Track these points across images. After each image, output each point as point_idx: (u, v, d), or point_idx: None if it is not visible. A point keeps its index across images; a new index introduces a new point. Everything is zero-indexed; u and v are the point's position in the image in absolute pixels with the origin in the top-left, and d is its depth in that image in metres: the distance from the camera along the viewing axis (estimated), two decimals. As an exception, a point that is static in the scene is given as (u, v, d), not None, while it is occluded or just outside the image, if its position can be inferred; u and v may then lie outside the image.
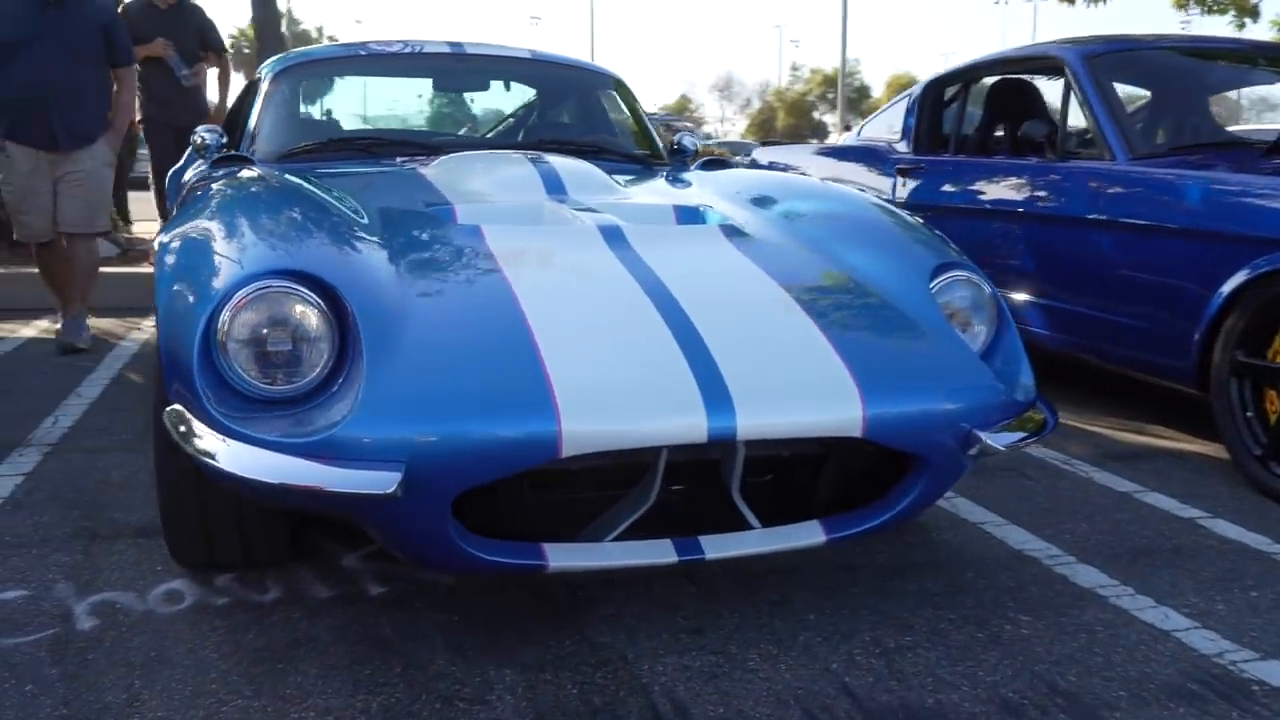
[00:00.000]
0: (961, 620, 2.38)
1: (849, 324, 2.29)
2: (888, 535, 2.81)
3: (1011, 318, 2.53)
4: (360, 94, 4.16)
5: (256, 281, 2.07)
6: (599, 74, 4.28)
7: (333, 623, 2.31)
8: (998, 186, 4.42)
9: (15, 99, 4.62)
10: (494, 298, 2.19)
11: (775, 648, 2.24)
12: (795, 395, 2.08)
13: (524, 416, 1.92)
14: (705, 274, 2.43)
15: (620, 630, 2.30)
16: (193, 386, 2.00)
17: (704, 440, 1.97)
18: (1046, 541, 2.86)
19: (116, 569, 2.56)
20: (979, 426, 2.20)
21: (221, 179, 2.87)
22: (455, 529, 1.99)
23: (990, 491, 3.25)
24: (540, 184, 2.89)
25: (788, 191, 3.09)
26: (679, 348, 2.08)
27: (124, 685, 2.04)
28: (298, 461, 1.89)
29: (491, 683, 2.07)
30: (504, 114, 4.44)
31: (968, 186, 4.60)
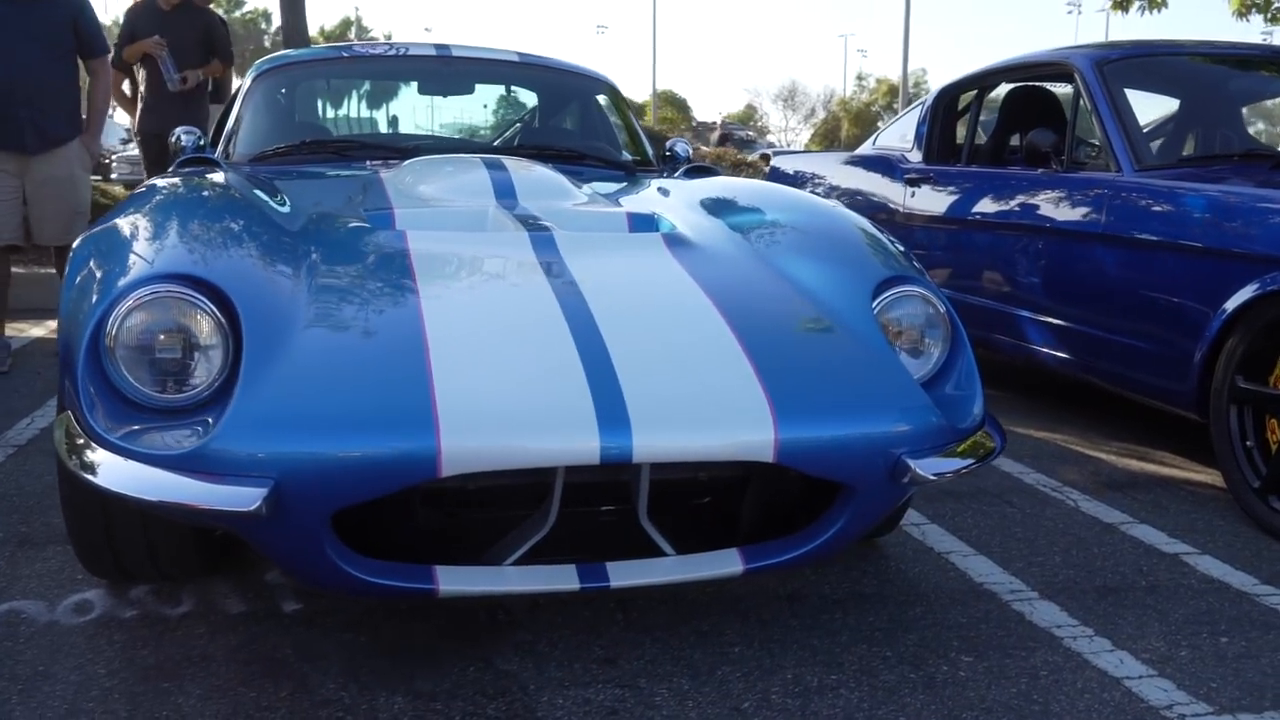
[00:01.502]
0: (897, 659, 2.23)
1: (775, 342, 2.15)
2: (840, 563, 2.68)
3: (966, 337, 2.37)
4: (345, 96, 4.09)
5: (148, 285, 2.00)
6: (589, 78, 4.17)
7: (233, 640, 2.22)
8: (1001, 198, 4.24)
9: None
10: (396, 309, 2.10)
11: (689, 682, 2.11)
12: (702, 416, 1.95)
13: (402, 433, 1.82)
14: (632, 286, 2.32)
15: (530, 658, 2.18)
16: (76, 392, 1.94)
17: (596, 461, 1.86)
18: (1012, 575, 2.69)
19: (36, 576, 2.50)
20: (910, 454, 2.05)
21: (160, 182, 2.82)
22: (334, 548, 1.89)
23: (965, 519, 3.09)
24: (490, 189, 2.79)
25: (754, 201, 2.96)
26: (581, 364, 1.96)
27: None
28: (163, 475, 1.81)
29: (377, 711, 1.98)
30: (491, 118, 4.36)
31: (972, 198, 4.43)
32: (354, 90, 4.09)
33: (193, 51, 5.83)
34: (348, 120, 4.01)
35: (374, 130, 4.06)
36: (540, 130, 4.07)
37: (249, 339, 1.95)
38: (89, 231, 2.37)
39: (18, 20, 4.28)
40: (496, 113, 4.34)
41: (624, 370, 1.97)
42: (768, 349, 2.11)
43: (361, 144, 3.61)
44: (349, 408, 1.86)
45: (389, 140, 3.69)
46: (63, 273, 4.64)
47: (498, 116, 4.33)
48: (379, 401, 1.87)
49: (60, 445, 1.98)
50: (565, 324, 2.07)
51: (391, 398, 1.87)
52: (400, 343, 1.99)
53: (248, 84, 3.86)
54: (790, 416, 1.97)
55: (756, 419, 1.95)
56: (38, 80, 4.35)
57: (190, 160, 3.40)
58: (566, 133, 4.06)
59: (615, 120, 4.11)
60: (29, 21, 4.32)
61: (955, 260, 4.58)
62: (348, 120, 4.01)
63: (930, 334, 2.34)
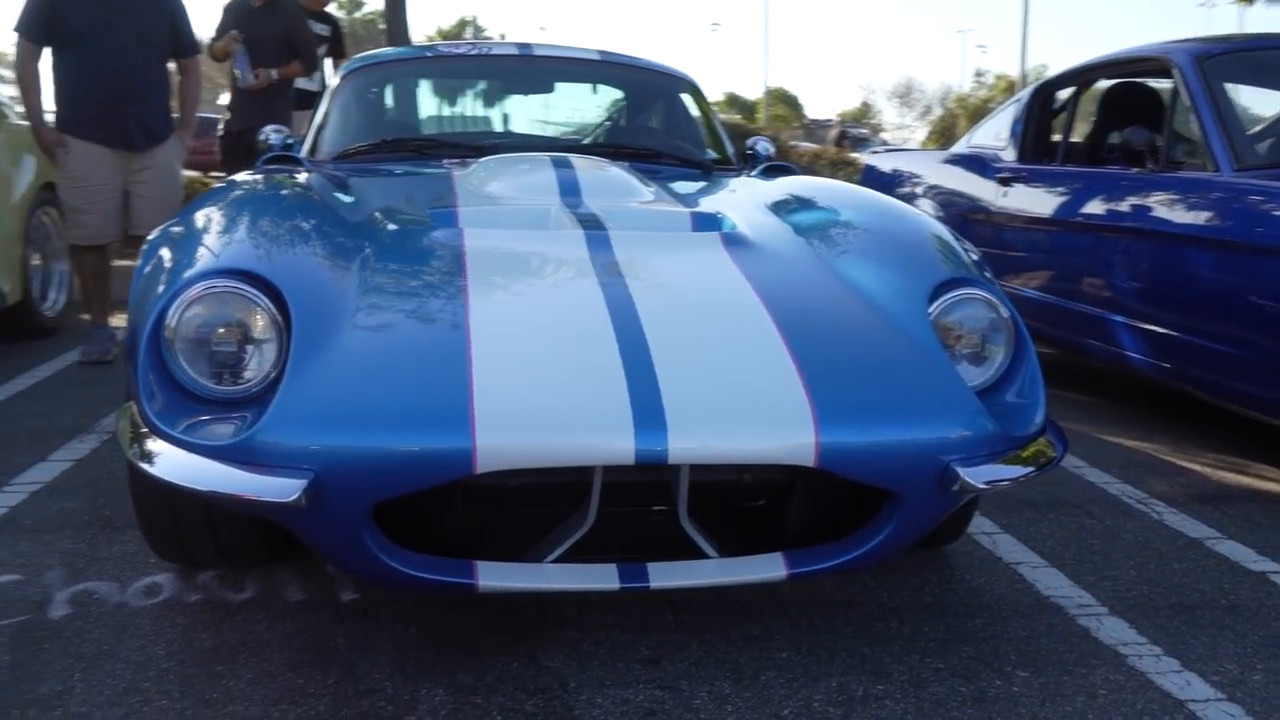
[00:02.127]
0: (949, 671, 2.18)
1: (822, 345, 2.12)
2: (902, 571, 2.63)
3: (1031, 343, 2.30)
4: (430, 95, 4.15)
5: (207, 280, 2.06)
6: (671, 76, 4.16)
7: (289, 627, 2.28)
8: (1093, 198, 4.11)
9: (90, 90, 4.32)
10: (443, 306, 2.12)
11: (730, 686, 2.09)
12: (741, 418, 1.93)
13: (439, 429, 1.84)
14: (683, 285, 2.31)
15: (574, 656, 2.19)
16: (137, 382, 2.01)
17: (631, 461, 1.85)
18: (1083, 589, 2.60)
19: (112, 559, 2.60)
20: (960, 461, 2.00)
21: (237, 179, 2.90)
22: (375, 540, 1.92)
23: (1040, 530, 3.00)
24: (555, 188, 2.80)
25: (821, 201, 2.92)
26: (621, 363, 1.96)
27: (63, 677, 2.05)
28: (211, 465, 1.86)
29: (418, 702, 2.00)
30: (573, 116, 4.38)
31: (1065, 198, 4.30)
32: (439, 89, 4.15)
33: (272, 50, 5.76)
34: (432, 119, 4.06)
35: (457, 128, 4.10)
36: (619, 129, 4.07)
37: (297, 334, 1.99)
38: (162, 227, 2.45)
39: (128, 22, 4.36)
40: (579, 111, 4.35)
41: (664, 370, 1.96)
42: (814, 351, 2.07)
43: (440, 142, 3.66)
44: (389, 403, 1.89)
45: (467, 138, 3.73)
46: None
47: (580, 115, 4.35)
48: (418, 397, 1.89)
49: (123, 435, 2.05)
50: (609, 322, 2.06)
51: (431, 394, 1.89)
52: (443, 339, 2.01)
53: (335, 83, 3.95)
54: (832, 420, 1.93)
55: (797, 422, 1.92)
56: (144, 79, 4.45)
57: (274, 159, 3.50)
58: (645, 131, 4.06)
59: (697, 118, 4.09)
60: (137, 22, 4.40)
61: (1046, 262, 4.45)
62: (432, 119, 4.06)
63: (992, 339, 2.27)
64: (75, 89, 4.33)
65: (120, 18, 4.34)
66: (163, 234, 2.40)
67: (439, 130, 3.89)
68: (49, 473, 3.22)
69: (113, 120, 4.37)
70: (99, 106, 4.34)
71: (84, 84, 4.30)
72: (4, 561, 2.57)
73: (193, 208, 2.50)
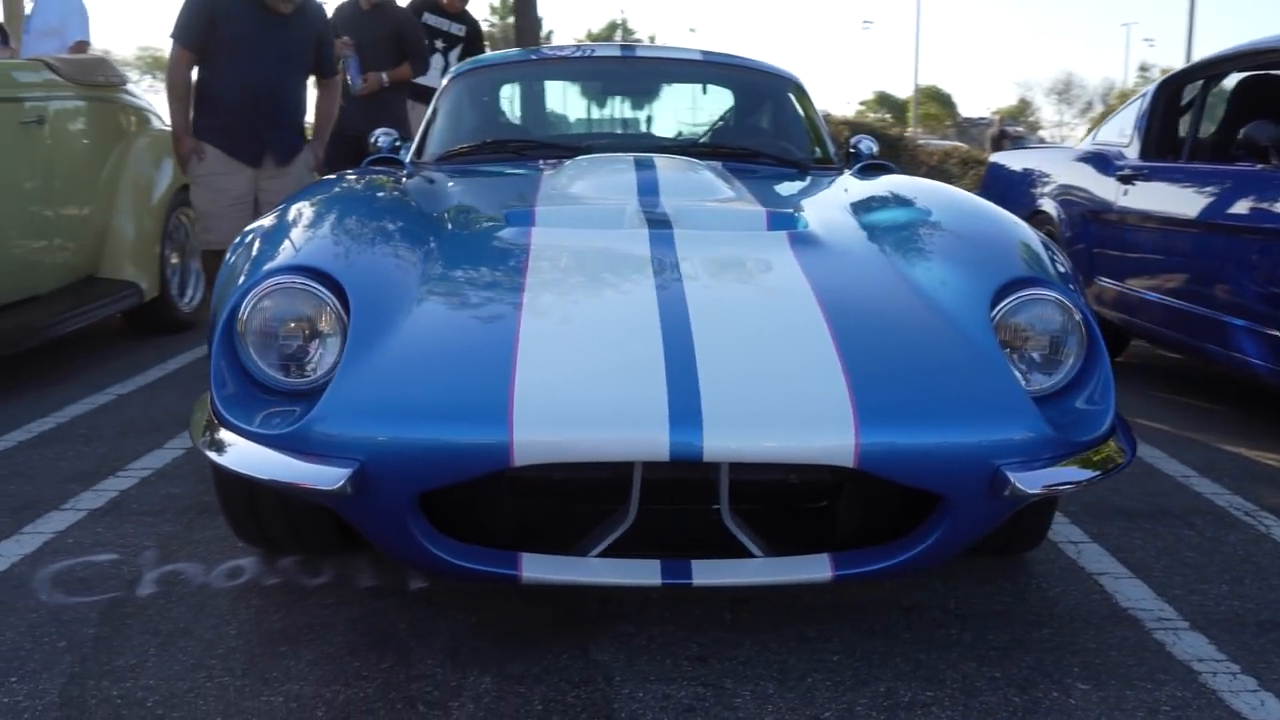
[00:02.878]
0: (1005, 681, 2.12)
1: (874, 345, 2.09)
2: (975, 577, 2.57)
3: (1104, 347, 2.21)
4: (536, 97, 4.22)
5: (276, 276, 2.16)
6: (773, 75, 4.14)
7: (356, 612, 2.36)
8: (1213, 197, 3.92)
9: (231, 103, 4.36)
10: (498, 303, 2.17)
11: (775, 686, 2.08)
12: (780, 416, 1.92)
13: (478, 423, 1.88)
14: (740, 284, 2.32)
15: (625, 650, 2.21)
16: (211, 373, 2.11)
17: (666, 457, 1.87)
18: (1166, 602, 2.50)
19: (203, 542, 2.73)
20: (1012, 466, 1.95)
21: (330, 179, 3.01)
22: (420, 528, 1.98)
23: (1132, 540, 2.88)
24: (634, 188, 2.84)
25: (903, 199, 2.88)
26: (664, 360, 1.97)
27: (140, 651, 2.17)
28: (267, 453, 1.95)
29: (464, 689, 2.05)
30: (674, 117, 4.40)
31: (1185, 196, 4.11)
32: (544, 91, 4.22)
33: (382, 53, 5.72)
34: (535, 120, 4.13)
35: (559, 130, 4.17)
36: (719, 129, 4.07)
37: (354, 329, 2.06)
38: (248, 228, 2.57)
39: (278, 40, 4.38)
40: (680, 112, 4.37)
41: (706, 368, 1.96)
42: (864, 352, 2.05)
43: (539, 143, 3.72)
44: (434, 396, 1.95)
45: (565, 139, 3.79)
46: None
47: (681, 115, 4.37)
48: (461, 392, 1.95)
49: (196, 423, 2.16)
50: (658, 321, 2.08)
51: (473, 388, 1.94)
52: (493, 336, 2.06)
53: (444, 86, 4.06)
54: (874, 421, 1.91)
55: (838, 422, 1.90)
56: (284, 101, 4.50)
57: (376, 160, 3.62)
58: (744, 131, 4.05)
59: (797, 116, 4.07)
60: (287, 42, 4.43)
61: (1166, 263, 4.27)
62: (535, 120, 4.13)
63: (1063, 341, 2.20)
64: (216, 99, 4.38)
65: (272, 34, 4.37)
66: (252, 230, 2.51)
67: (541, 132, 3.95)
68: (161, 459, 3.40)
69: (249, 136, 4.42)
70: (237, 121, 4.39)
71: (227, 96, 4.36)
72: (106, 541, 2.73)
73: (282, 206, 2.61)
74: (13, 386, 4.27)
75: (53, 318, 4.45)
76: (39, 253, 4.52)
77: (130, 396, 4.23)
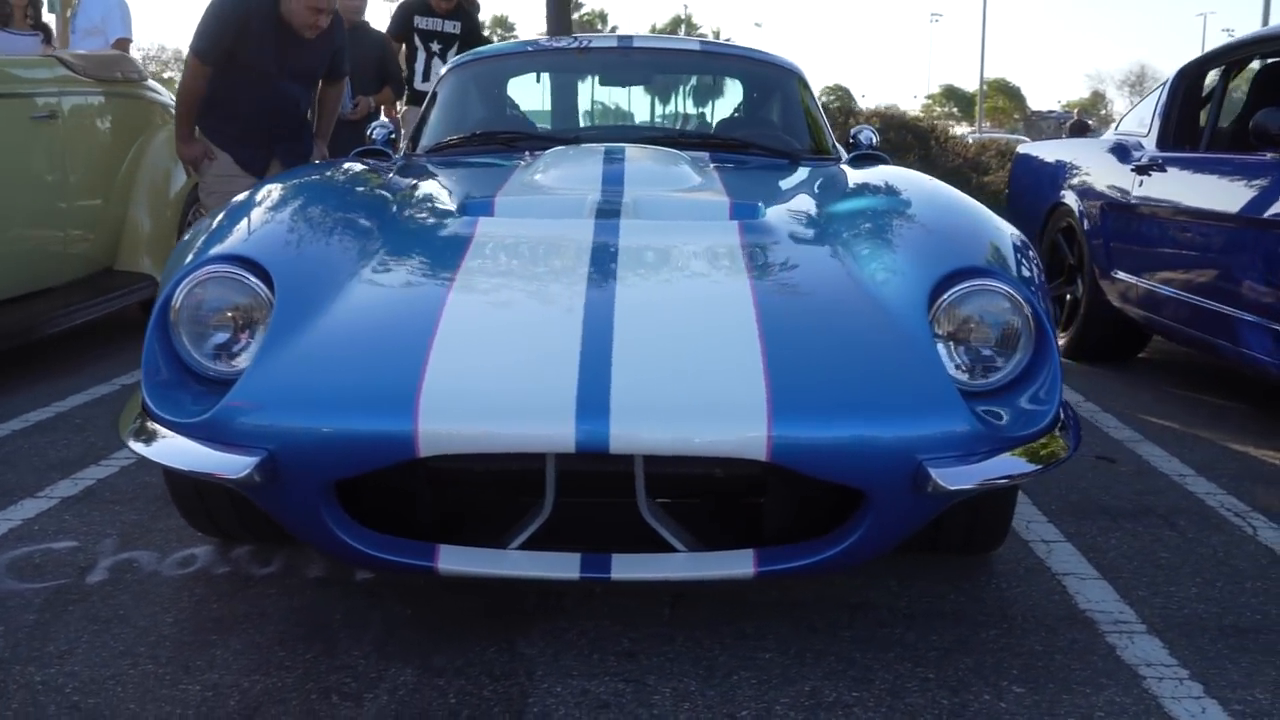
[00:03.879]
0: (938, 683, 2.06)
1: (803, 337, 2.04)
2: (933, 576, 2.50)
3: (1054, 342, 2.14)
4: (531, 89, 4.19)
5: (208, 266, 2.16)
6: (773, 66, 4.08)
7: (296, 602, 2.36)
8: (1228, 187, 3.78)
9: (243, 118, 4.28)
10: (424, 294, 2.16)
11: (697, 684, 2.04)
12: (692, 410, 1.88)
13: (384, 413, 1.87)
14: (677, 275, 2.28)
15: (554, 644, 2.18)
16: (144, 360, 2.12)
17: (572, 449, 1.84)
18: (1128, 605, 2.41)
19: (163, 531, 2.75)
20: (935, 461, 1.89)
21: (301, 169, 3.02)
22: (335, 519, 1.97)
23: (1108, 540, 2.79)
24: (599, 178, 2.82)
25: (873, 189, 2.83)
26: (579, 354, 1.94)
27: (73, 638, 2.19)
28: (179, 441, 1.96)
29: (383, 681, 2.04)
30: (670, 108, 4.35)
31: (1199, 187, 3.98)
32: (537, 83, 4.20)
33: (366, 75, 5.67)
34: (528, 112, 4.11)
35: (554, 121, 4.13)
36: (710, 120, 4.03)
37: (275, 318, 2.06)
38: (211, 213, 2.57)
39: (291, 64, 4.26)
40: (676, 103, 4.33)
41: (622, 359, 1.93)
42: (788, 344, 2.00)
43: (528, 135, 3.71)
44: (344, 385, 1.94)
45: (554, 132, 3.76)
46: None
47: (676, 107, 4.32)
48: (371, 381, 1.93)
49: (129, 412, 2.17)
50: (582, 312, 2.05)
51: (383, 378, 1.93)
52: (411, 326, 2.04)
53: (439, 78, 4.06)
54: (788, 414, 1.86)
55: (750, 414, 1.85)
56: (295, 114, 4.43)
57: (364, 152, 3.63)
58: (737, 121, 4.01)
59: (794, 106, 4.00)
60: (301, 63, 4.31)
61: (1179, 257, 4.14)
62: (528, 112, 4.11)
63: (1009, 336, 2.13)
64: (228, 111, 4.30)
65: (291, 55, 4.26)
66: (205, 219, 2.52)
67: (532, 124, 3.92)
68: (146, 449, 3.43)
69: (259, 149, 4.34)
70: (248, 132, 4.33)
71: (240, 110, 4.27)
72: (70, 529, 2.77)
73: (245, 194, 2.62)
74: (25, 376, 4.36)
75: (67, 309, 4.53)
76: (53, 245, 4.60)
77: (135, 388, 4.27)
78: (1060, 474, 3.31)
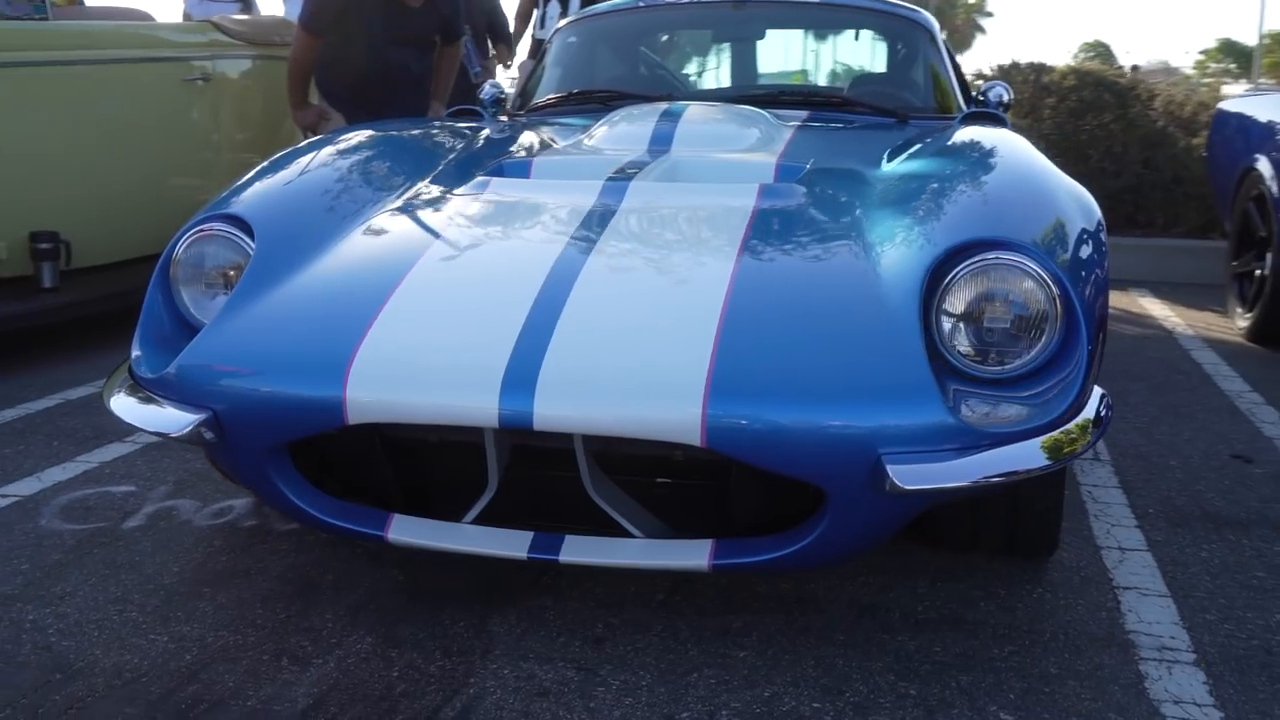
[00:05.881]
0: (917, 701, 1.85)
1: (769, 311, 1.85)
2: (973, 581, 2.28)
3: (1086, 328, 1.87)
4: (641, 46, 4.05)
5: (205, 223, 2.19)
6: (898, 18, 3.79)
7: (300, 559, 2.37)
8: None
9: (354, 82, 4.32)
10: (395, 259, 2.09)
11: (651, 678, 1.92)
12: (624, 387, 1.74)
13: (314, 379, 1.83)
14: (666, 244, 2.13)
15: (528, 622, 2.10)
16: (142, 312, 2.16)
17: (495, 424, 1.74)
18: (1185, 629, 2.11)
19: (215, 482, 2.82)
20: (897, 456, 1.68)
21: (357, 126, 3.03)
22: (285, 480, 1.95)
23: (1200, 552, 2.46)
24: (647, 138, 2.69)
25: (944, 151, 2.57)
26: (522, 326, 1.83)
27: (81, 581, 2.27)
28: (136, 396, 1.98)
29: (339, 647, 2.01)
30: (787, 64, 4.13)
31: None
32: (647, 40, 4.05)
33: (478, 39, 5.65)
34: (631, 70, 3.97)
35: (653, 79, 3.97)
36: (817, 75, 3.80)
37: (245, 278, 2.06)
38: None
39: (401, 31, 4.28)
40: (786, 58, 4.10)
41: (564, 333, 1.81)
42: (752, 318, 1.83)
43: (621, 94, 3.59)
44: (285, 349, 1.91)
45: (645, 90, 3.60)
46: None
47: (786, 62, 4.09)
48: (310, 347, 1.90)
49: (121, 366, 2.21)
50: (541, 282, 1.94)
51: (320, 344, 1.89)
52: (368, 292, 1.98)
53: (549, 37, 4.00)
54: (728, 395, 1.70)
55: (685, 393, 1.70)
56: (406, 79, 4.40)
57: (457, 110, 3.62)
58: (845, 78, 3.76)
59: (923, 63, 3.72)
60: (410, 30, 4.32)
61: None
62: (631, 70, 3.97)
63: (1027, 316, 1.89)
64: (342, 74, 4.34)
65: (400, 23, 4.29)
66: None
67: (630, 83, 3.79)
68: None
69: (372, 109, 4.27)
70: (360, 94, 4.35)
71: (351, 74, 4.31)
72: (135, 474, 2.89)
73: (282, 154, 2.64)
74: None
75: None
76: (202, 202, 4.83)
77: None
78: (1177, 470, 2.97)
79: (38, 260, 4.00)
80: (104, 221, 4.29)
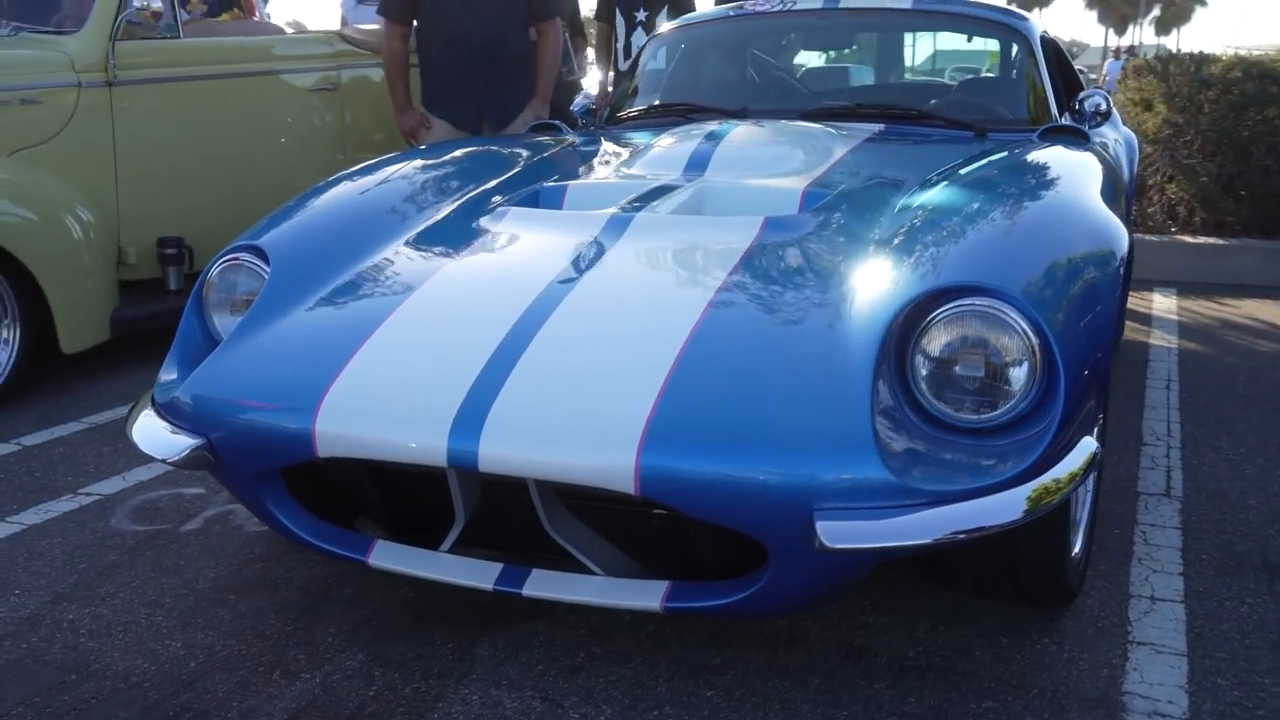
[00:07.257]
0: (871, 754, 1.83)
1: (723, 360, 1.85)
2: (972, 628, 2.22)
3: (1066, 382, 1.79)
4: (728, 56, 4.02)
5: (234, 252, 2.33)
6: (995, 24, 3.64)
7: (324, 572, 2.48)
8: None
9: (443, 66, 4.25)
10: (391, 291, 2.18)
11: (613, 712, 1.95)
12: (566, 432, 1.77)
13: (289, 412, 1.93)
14: (643, 283, 2.14)
15: (511, 649, 2.16)
16: (179, 332, 2.32)
17: (444, 463, 1.80)
18: (1189, 693, 2.00)
19: (278, 486, 2.99)
20: (830, 512, 1.66)
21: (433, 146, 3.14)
22: (275, 503, 2.06)
23: (1240, 608, 2.32)
24: (683, 163, 2.71)
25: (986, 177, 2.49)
26: (484, 364, 1.89)
27: (126, 582, 2.46)
28: (148, 418, 2.12)
29: (329, 663, 2.12)
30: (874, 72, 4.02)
31: None
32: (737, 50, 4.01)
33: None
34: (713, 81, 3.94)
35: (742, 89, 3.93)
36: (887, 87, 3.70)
37: (255, 309, 2.17)
38: None
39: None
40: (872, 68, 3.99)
41: (522, 373, 1.86)
42: (704, 365, 1.83)
43: (698, 107, 3.59)
44: (270, 380, 2.02)
45: (720, 103, 3.58)
46: None
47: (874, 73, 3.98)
48: (291, 379, 2.00)
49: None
50: (514, 319, 1.99)
51: (300, 376, 1.98)
52: (356, 325, 2.07)
53: (639, 50, 4.04)
54: (664, 444, 1.71)
55: (622, 441, 1.72)
56: (496, 55, 4.25)
57: (539, 126, 3.70)
58: (928, 88, 3.65)
59: (1016, 72, 3.59)
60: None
61: None
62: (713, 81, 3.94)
63: (1000, 366, 1.83)
64: (432, 65, 4.32)
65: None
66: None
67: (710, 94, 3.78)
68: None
69: (465, 102, 4.32)
70: (451, 85, 4.30)
71: (438, 59, 4.29)
72: (208, 477, 3.04)
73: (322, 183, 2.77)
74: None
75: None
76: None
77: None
78: (1253, 512, 2.79)
79: (164, 264, 4.29)
80: (227, 227, 4.56)
